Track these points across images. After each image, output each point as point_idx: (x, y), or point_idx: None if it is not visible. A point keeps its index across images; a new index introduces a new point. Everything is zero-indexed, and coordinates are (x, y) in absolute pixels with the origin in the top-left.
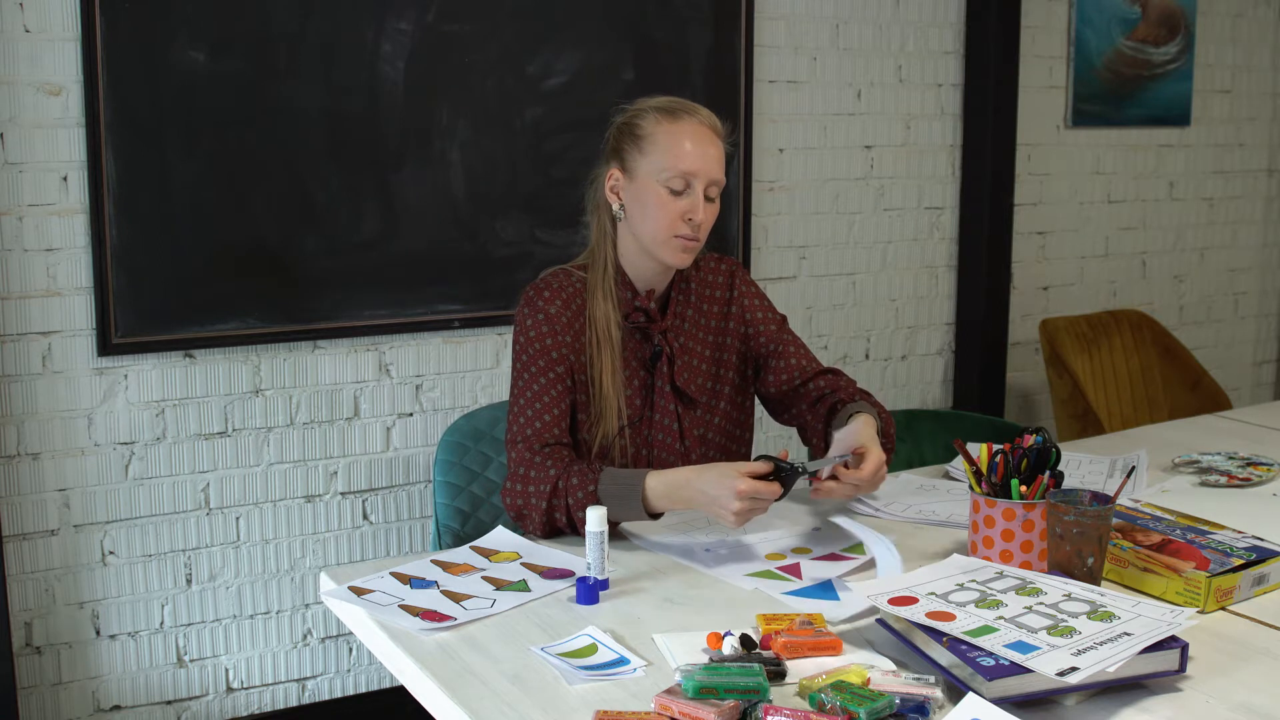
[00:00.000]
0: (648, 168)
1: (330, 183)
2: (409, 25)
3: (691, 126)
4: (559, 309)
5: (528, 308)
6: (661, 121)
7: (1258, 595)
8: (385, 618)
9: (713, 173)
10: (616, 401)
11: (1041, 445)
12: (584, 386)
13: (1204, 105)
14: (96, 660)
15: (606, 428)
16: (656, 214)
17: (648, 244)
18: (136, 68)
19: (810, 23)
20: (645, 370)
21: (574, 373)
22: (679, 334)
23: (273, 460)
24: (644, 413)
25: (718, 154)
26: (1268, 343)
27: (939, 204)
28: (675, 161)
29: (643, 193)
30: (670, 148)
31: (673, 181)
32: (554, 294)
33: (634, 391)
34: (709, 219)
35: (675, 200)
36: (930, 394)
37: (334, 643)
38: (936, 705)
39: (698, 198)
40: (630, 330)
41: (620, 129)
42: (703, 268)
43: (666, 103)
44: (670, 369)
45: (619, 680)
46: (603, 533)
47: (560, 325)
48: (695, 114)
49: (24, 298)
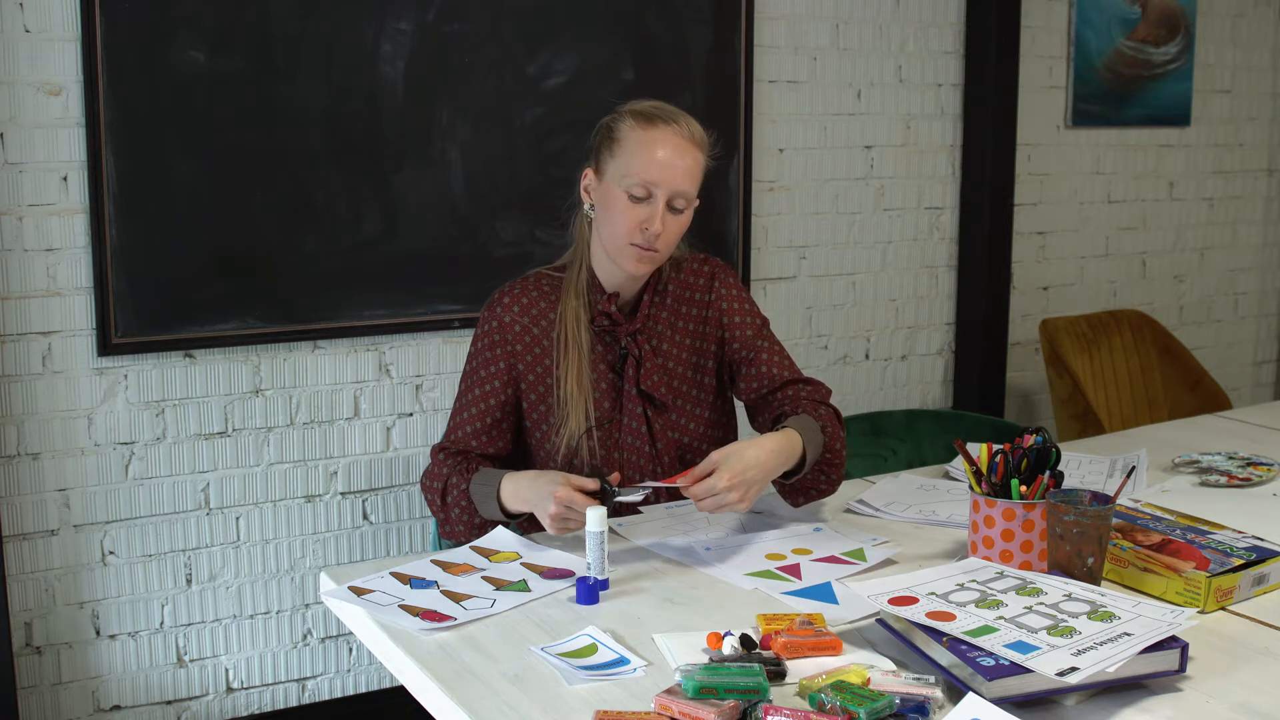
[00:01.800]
0: (614, 171)
1: (330, 183)
2: (409, 25)
3: (666, 135)
4: (515, 315)
5: (487, 310)
6: (636, 127)
7: (1258, 595)
8: (385, 618)
9: (678, 185)
10: (584, 402)
11: (1041, 445)
12: (545, 391)
13: (1204, 105)
14: (96, 660)
15: (573, 427)
16: (615, 219)
17: (607, 248)
18: (136, 68)
19: (810, 23)
20: (613, 373)
21: (525, 379)
22: (651, 336)
23: (273, 460)
24: (612, 415)
25: (690, 166)
26: (1268, 343)
27: (939, 204)
28: (640, 169)
29: (607, 195)
30: (637, 154)
31: (634, 189)
32: (514, 299)
33: (602, 394)
34: (672, 232)
35: (635, 207)
36: (930, 394)
37: (334, 643)
38: (936, 705)
39: (657, 208)
40: (598, 333)
41: (602, 130)
42: (684, 269)
43: (649, 108)
44: (637, 372)
45: (619, 680)
46: (603, 533)
47: (513, 334)
48: (673, 122)
49: (24, 298)
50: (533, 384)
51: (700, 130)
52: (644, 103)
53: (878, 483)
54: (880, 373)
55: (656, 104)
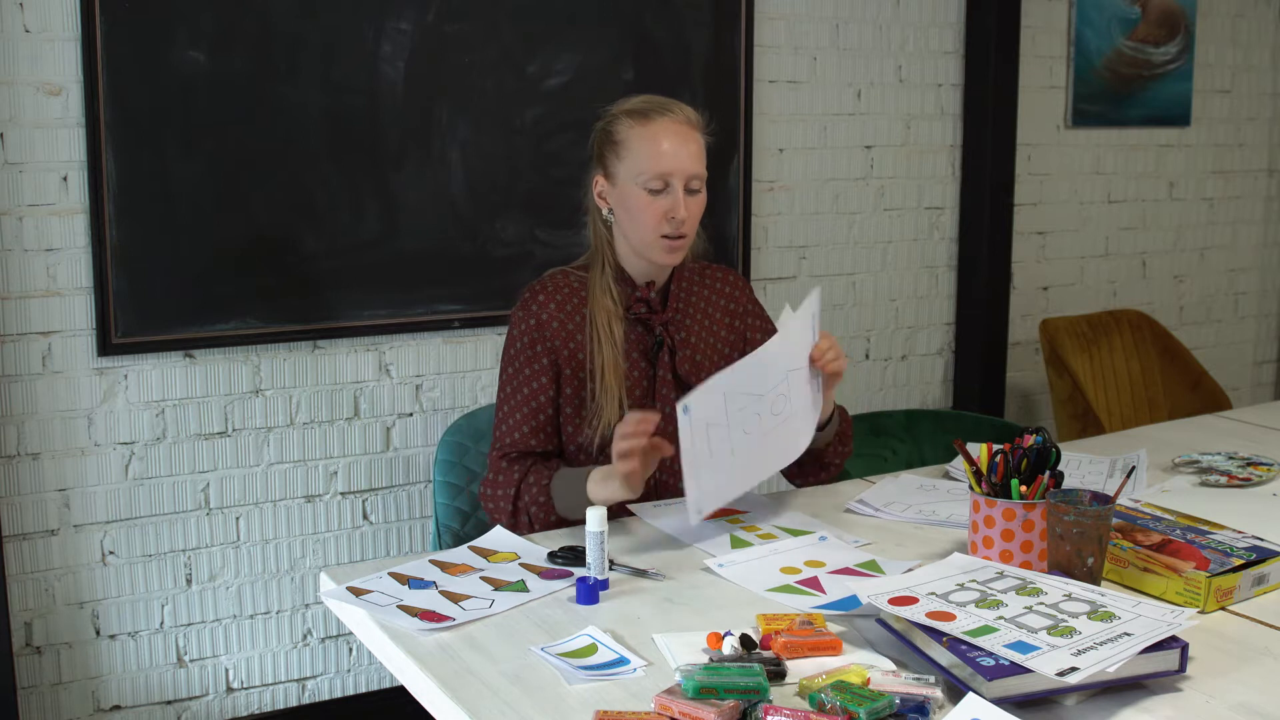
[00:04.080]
0: (626, 172)
1: (330, 182)
2: (409, 25)
3: (664, 125)
4: (552, 312)
5: (521, 310)
6: (634, 125)
7: (1258, 595)
8: (384, 618)
9: (690, 168)
10: (619, 393)
11: (1041, 445)
12: (579, 385)
13: (1204, 105)
14: (96, 660)
15: (609, 419)
16: (640, 217)
17: (636, 246)
18: (136, 68)
19: (810, 23)
20: (646, 361)
21: (562, 374)
22: (680, 327)
23: (273, 460)
24: (645, 403)
25: (695, 149)
26: (1268, 343)
27: (939, 204)
28: (651, 164)
29: (625, 197)
30: (644, 151)
31: (651, 183)
32: (548, 296)
33: (634, 382)
34: (694, 212)
35: (656, 201)
36: (930, 394)
37: (334, 643)
38: (936, 705)
39: (677, 196)
40: (632, 322)
41: (600, 135)
42: (708, 275)
43: (639, 104)
44: (672, 359)
45: (619, 680)
46: (603, 533)
47: (551, 330)
48: (667, 112)
49: (24, 298)
50: (569, 378)
51: (693, 112)
52: (632, 100)
53: (878, 483)
54: (880, 373)
55: (644, 99)
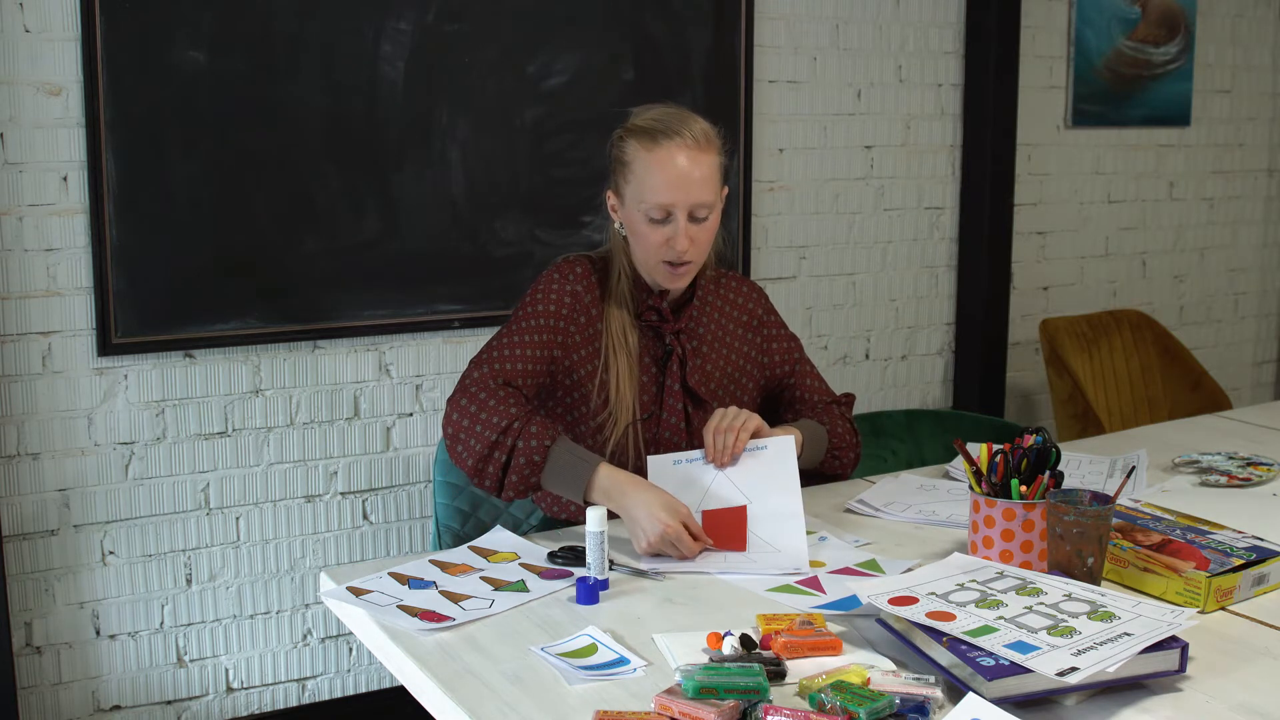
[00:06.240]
0: (630, 196)
1: (330, 183)
2: (409, 25)
3: (672, 151)
4: (583, 290)
5: (558, 274)
6: (640, 150)
7: (1258, 595)
8: (383, 618)
9: (695, 197)
10: (630, 401)
11: (1041, 445)
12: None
13: (1204, 105)
14: (96, 660)
15: (619, 426)
16: (641, 242)
17: (640, 268)
18: (136, 68)
19: (810, 23)
20: (656, 368)
21: (568, 356)
22: (692, 337)
23: (273, 460)
24: (653, 410)
25: (702, 174)
26: (1268, 343)
27: (939, 204)
28: (651, 195)
29: (629, 219)
30: (648, 178)
31: (652, 212)
32: (579, 278)
33: (642, 388)
34: (702, 239)
35: (656, 229)
36: (930, 394)
37: (334, 643)
38: (936, 705)
39: (678, 227)
40: (644, 328)
41: (612, 149)
42: (724, 285)
43: (649, 122)
44: (682, 369)
45: (619, 680)
46: (603, 533)
47: (579, 307)
48: (676, 135)
49: (24, 298)
50: (575, 365)
51: (706, 128)
52: (646, 115)
53: (878, 483)
54: (880, 373)
55: (657, 115)
